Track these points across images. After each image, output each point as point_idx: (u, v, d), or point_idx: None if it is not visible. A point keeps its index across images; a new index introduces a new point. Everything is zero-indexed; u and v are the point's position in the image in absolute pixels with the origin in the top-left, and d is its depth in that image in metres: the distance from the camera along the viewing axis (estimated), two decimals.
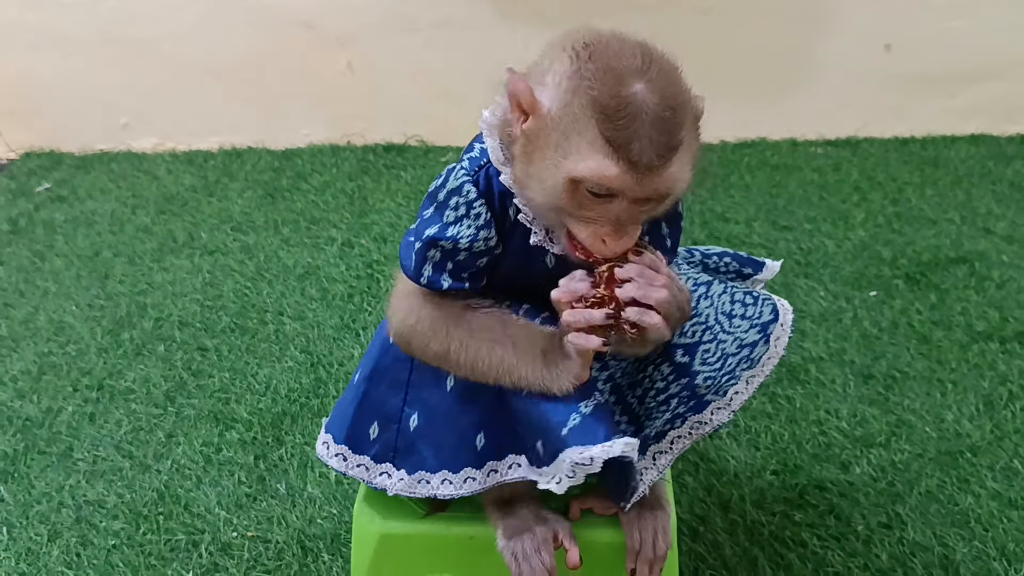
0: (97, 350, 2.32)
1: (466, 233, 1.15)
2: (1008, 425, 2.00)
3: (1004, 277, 2.55)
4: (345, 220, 2.93)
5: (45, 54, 3.35)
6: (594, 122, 1.03)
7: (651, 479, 1.24)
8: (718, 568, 1.66)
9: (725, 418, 1.24)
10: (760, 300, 1.32)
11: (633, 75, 1.03)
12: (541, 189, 1.09)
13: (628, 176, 1.03)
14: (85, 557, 1.72)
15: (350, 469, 1.30)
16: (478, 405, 1.21)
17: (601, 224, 1.09)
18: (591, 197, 1.06)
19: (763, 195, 3.04)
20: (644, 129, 1.02)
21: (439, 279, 1.17)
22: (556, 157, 1.06)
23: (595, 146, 1.03)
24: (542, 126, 1.06)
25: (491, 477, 1.20)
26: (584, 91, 1.03)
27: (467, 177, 1.15)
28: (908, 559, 1.68)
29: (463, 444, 1.21)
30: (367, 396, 1.31)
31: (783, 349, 1.27)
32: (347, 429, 1.31)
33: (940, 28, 3.31)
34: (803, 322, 2.37)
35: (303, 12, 3.30)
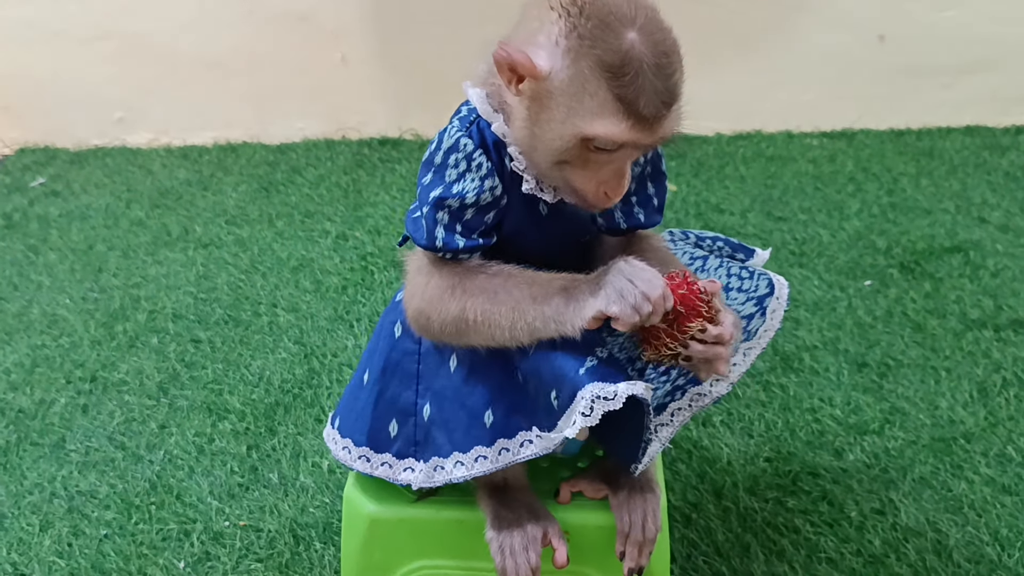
0: (90, 342, 2.32)
1: (471, 187, 1.15)
2: (1002, 412, 2.00)
3: (999, 266, 2.54)
4: (339, 213, 2.93)
5: (39, 50, 3.34)
6: (604, 82, 1.04)
7: (655, 451, 1.23)
8: (711, 554, 1.66)
9: (724, 390, 1.25)
10: (756, 275, 1.33)
11: (625, 24, 1.04)
12: (548, 147, 1.11)
13: (638, 130, 1.06)
14: (77, 547, 1.72)
15: (375, 469, 1.27)
16: (484, 383, 1.20)
17: (603, 176, 1.12)
18: (597, 152, 1.09)
19: (758, 186, 3.04)
20: (648, 82, 1.04)
21: (453, 239, 1.16)
22: (568, 118, 1.07)
23: (607, 106, 1.05)
24: (547, 89, 1.07)
25: (503, 456, 1.18)
26: (587, 51, 1.04)
27: (461, 132, 1.17)
28: (901, 544, 1.68)
29: (473, 422, 1.19)
30: (382, 395, 1.29)
31: (779, 322, 1.29)
32: (368, 430, 1.29)
33: (934, 19, 3.30)
34: (797, 311, 2.36)
35: (298, 6, 3.29)
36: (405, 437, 1.25)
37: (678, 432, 1.86)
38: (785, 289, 1.33)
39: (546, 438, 1.14)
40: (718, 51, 3.32)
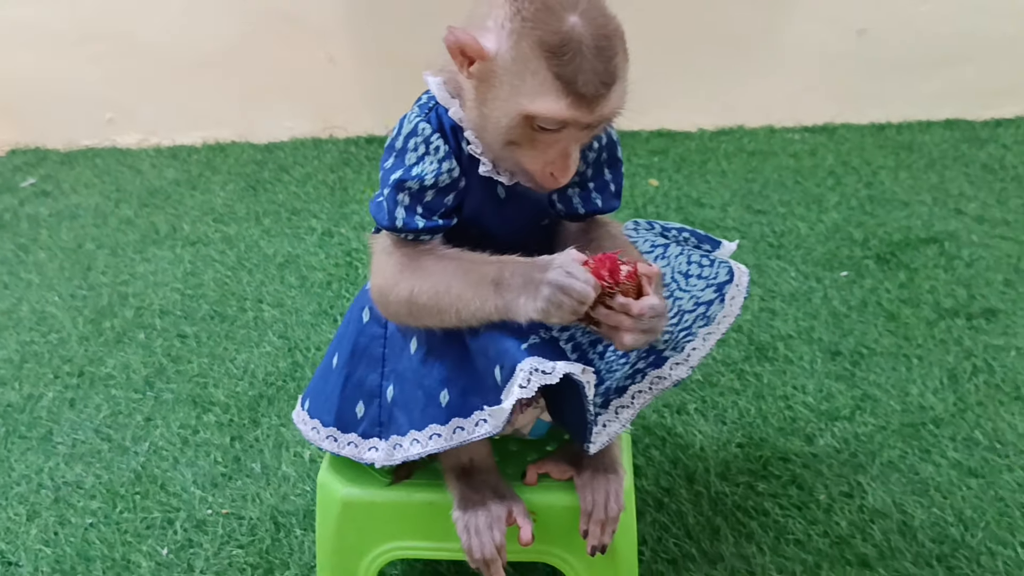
0: (78, 338, 2.35)
1: (430, 169, 1.20)
2: (971, 398, 2.04)
3: (973, 256, 2.58)
4: (325, 210, 2.97)
5: (30, 51, 3.38)
6: (543, 61, 1.09)
7: (614, 432, 1.27)
8: (681, 537, 1.70)
9: (684, 373, 1.29)
10: (716, 262, 1.37)
11: (567, 8, 1.10)
12: (496, 127, 1.16)
13: (577, 108, 1.10)
14: (63, 535, 1.76)
15: (342, 449, 1.32)
16: (441, 362, 1.24)
17: (550, 156, 1.16)
18: (542, 131, 1.14)
19: (739, 180, 3.08)
20: (587, 62, 1.09)
21: (413, 220, 1.21)
22: (511, 96, 1.12)
23: (547, 85, 1.10)
24: (492, 68, 1.13)
25: (457, 434, 1.21)
26: (529, 32, 1.10)
27: (420, 117, 1.22)
28: (867, 526, 1.72)
29: (429, 402, 1.23)
30: (349, 378, 1.34)
31: (738, 308, 1.32)
32: (335, 412, 1.34)
33: (913, 13, 3.35)
34: (773, 302, 2.40)
35: (285, 7, 3.34)
36: (371, 418, 1.30)
37: (652, 419, 1.92)
38: (745, 277, 1.37)
39: (494, 413, 1.17)
40: (700, 48, 3.36)
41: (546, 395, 1.32)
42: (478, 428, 1.21)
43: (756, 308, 2.38)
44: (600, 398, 1.30)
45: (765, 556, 1.66)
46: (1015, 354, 2.17)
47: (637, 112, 3.57)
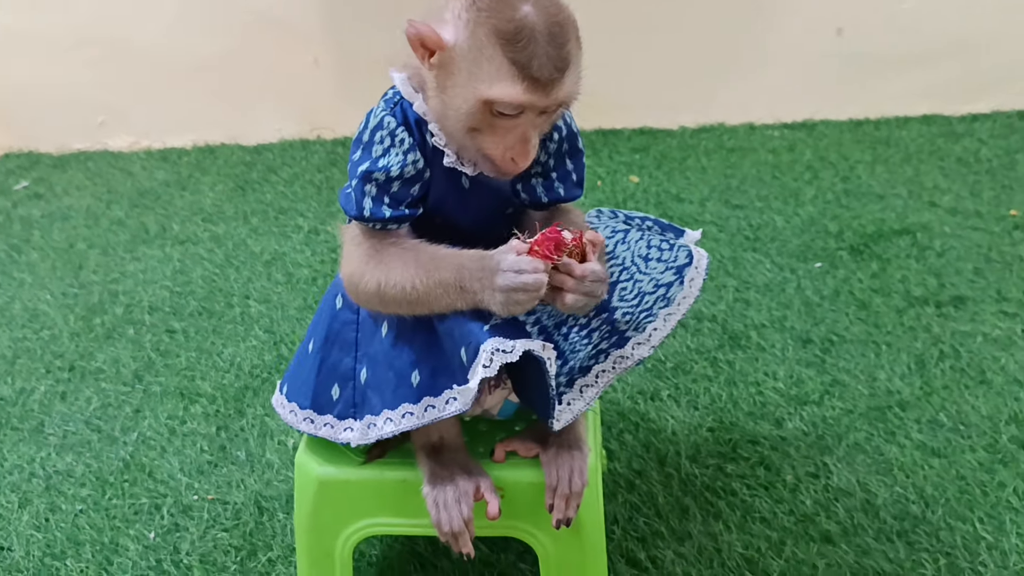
0: (70, 334, 2.41)
1: (395, 161, 1.26)
2: (937, 382, 2.10)
3: (945, 246, 2.64)
4: (312, 209, 3.02)
5: (22, 56, 3.44)
6: (499, 48, 1.15)
7: (578, 409, 1.33)
8: (651, 516, 1.76)
9: (645, 353, 1.34)
10: (676, 246, 1.42)
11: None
12: (456, 114, 1.21)
13: (533, 92, 1.16)
14: (53, 521, 1.81)
15: (319, 430, 1.38)
16: (411, 345, 1.30)
17: (509, 141, 1.22)
18: (500, 116, 1.19)
19: (718, 176, 3.14)
20: (541, 48, 1.14)
21: (380, 209, 1.27)
22: (469, 83, 1.18)
23: (502, 70, 1.15)
24: (451, 57, 1.18)
25: (429, 412, 1.27)
26: (484, 21, 1.15)
27: (385, 112, 1.27)
28: (832, 504, 1.78)
29: (401, 383, 1.29)
30: (324, 362, 1.39)
31: (698, 290, 1.38)
32: (311, 395, 1.39)
33: (890, 11, 3.41)
34: (748, 292, 2.46)
35: (272, 11, 3.40)
36: (345, 400, 1.35)
37: (626, 406, 1.98)
38: (704, 260, 1.42)
39: (462, 392, 1.23)
40: (680, 47, 3.43)
41: (513, 376, 1.38)
42: (448, 406, 1.27)
43: (731, 298, 2.44)
44: (565, 377, 1.36)
45: (732, 533, 1.71)
46: (981, 340, 2.23)
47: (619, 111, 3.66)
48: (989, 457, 1.88)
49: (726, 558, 1.66)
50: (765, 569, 1.64)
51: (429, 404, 1.27)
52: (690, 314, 2.34)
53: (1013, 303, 2.37)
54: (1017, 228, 2.73)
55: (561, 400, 1.34)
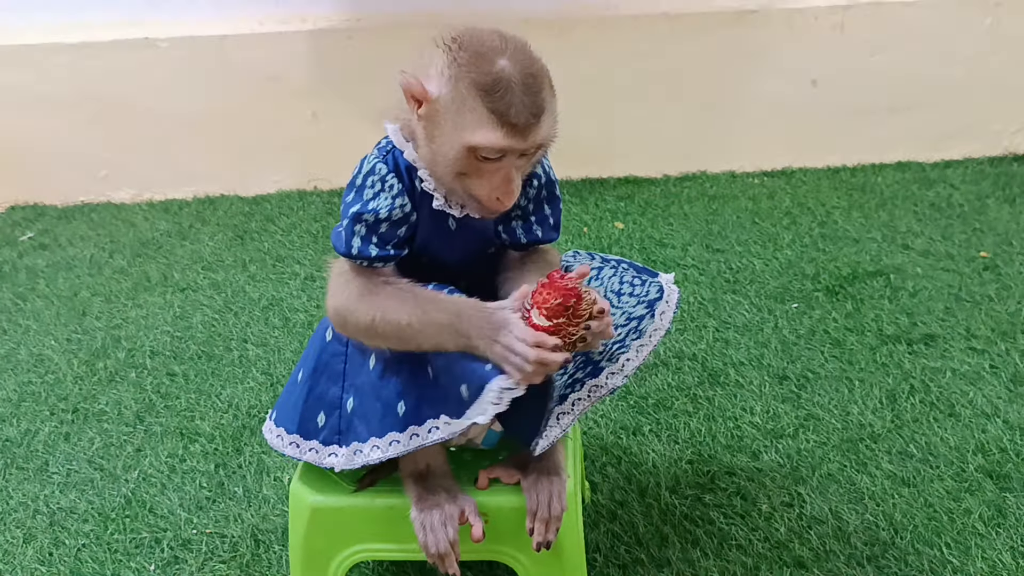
0: (73, 378, 2.50)
1: (384, 204, 1.37)
2: (907, 415, 2.19)
3: (917, 287, 2.75)
4: (309, 257, 3.13)
5: (28, 113, 3.57)
6: (479, 99, 1.27)
7: (555, 436, 1.42)
8: (632, 544, 1.83)
9: (619, 382, 1.44)
10: (647, 282, 1.52)
11: (496, 54, 1.28)
12: (445, 160, 1.33)
13: (512, 137, 1.28)
14: (57, 556, 1.88)
15: (304, 454, 1.47)
16: (397, 377, 1.39)
17: (495, 183, 1.33)
18: (485, 161, 1.31)
19: (700, 222, 3.25)
20: (517, 97, 1.27)
21: (367, 248, 1.37)
22: (453, 132, 1.30)
23: (483, 119, 1.27)
24: (436, 109, 1.30)
25: (413, 440, 1.36)
26: (464, 75, 1.28)
27: (377, 159, 1.39)
28: (805, 531, 1.85)
29: (387, 412, 1.38)
30: (312, 391, 1.49)
31: (668, 322, 1.48)
32: (298, 421, 1.49)
33: (862, 64, 3.56)
34: (727, 332, 2.56)
35: (270, 67, 3.54)
36: (331, 427, 1.44)
37: (609, 440, 2.07)
38: (675, 294, 1.52)
39: (454, 424, 1.32)
40: (664, 100, 3.57)
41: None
42: (431, 434, 1.37)
43: (711, 338, 2.53)
44: None
45: (709, 560, 1.79)
46: (951, 375, 2.32)
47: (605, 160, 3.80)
48: (956, 486, 1.96)
49: None
50: None
51: (414, 432, 1.37)
52: (671, 353, 2.44)
53: (982, 340, 2.47)
54: (987, 269, 2.84)
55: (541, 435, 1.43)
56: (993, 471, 1.99)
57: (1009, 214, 3.21)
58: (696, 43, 3.52)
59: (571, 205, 3.40)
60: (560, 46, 3.31)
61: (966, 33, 3.56)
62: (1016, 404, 2.20)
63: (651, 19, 3.50)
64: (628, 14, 3.50)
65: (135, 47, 3.52)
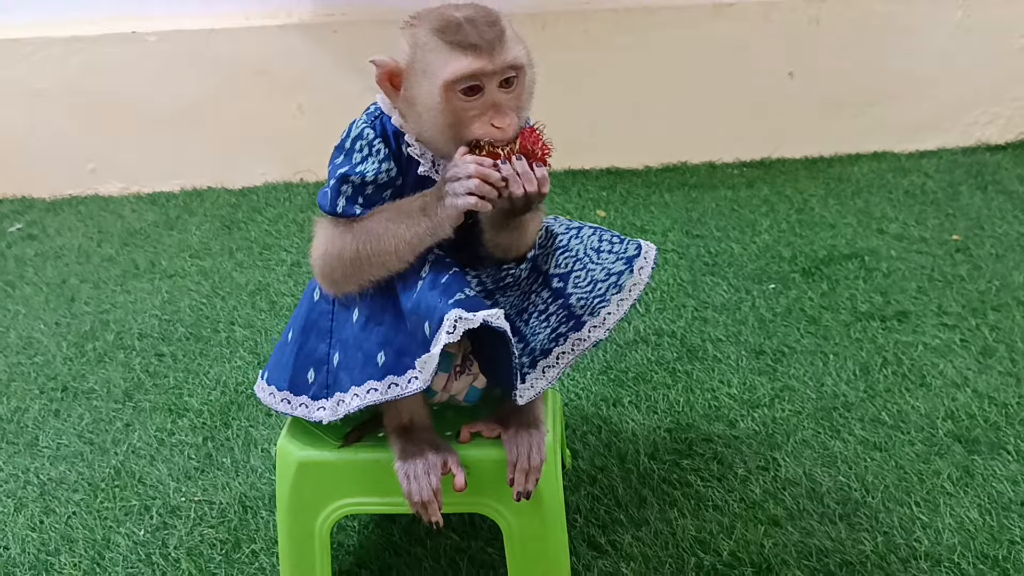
0: (63, 359, 2.53)
1: (371, 168, 1.42)
2: (880, 386, 2.25)
3: (891, 268, 2.82)
4: (295, 245, 3.17)
5: (16, 106, 3.61)
6: (438, 39, 1.34)
7: (541, 387, 1.49)
8: (612, 506, 1.88)
9: (601, 335, 1.50)
10: (626, 240, 1.59)
11: (451, 9, 1.37)
12: (431, 115, 1.37)
13: (479, 59, 1.33)
14: (48, 523, 1.92)
15: (295, 409, 1.52)
16: (380, 327, 1.44)
17: (485, 117, 1.37)
18: (465, 97, 1.35)
19: (680, 210, 3.32)
20: (471, 26, 1.34)
21: (352, 208, 1.43)
22: (427, 79, 1.35)
23: (446, 53, 1.34)
24: (408, 74, 1.37)
25: (392, 389, 1.40)
26: (421, 27, 1.36)
27: (365, 124, 1.44)
28: (779, 492, 1.91)
29: (368, 362, 1.43)
30: (302, 348, 1.54)
31: (647, 277, 1.54)
32: (289, 378, 1.54)
33: (837, 56, 3.64)
34: (706, 311, 2.62)
35: (256, 61, 3.59)
36: (319, 383, 1.49)
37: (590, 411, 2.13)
38: (652, 251, 1.58)
39: (426, 361, 1.36)
40: (644, 92, 3.63)
41: (480, 356, 1.52)
42: (410, 384, 1.41)
43: (690, 316, 2.59)
44: (528, 358, 1.51)
45: (686, 519, 1.84)
46: (922, 348, 2.39)
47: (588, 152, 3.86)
48: (926, 449, 2.02)
49: (680, 540, 1.78)
50: (716, 549, 1.76)
51: (392, 382, 1.41)
52: (650, 330, 2.50)
53: (953, 316, 2.53)
54: (959, 251, 2.91)
55: (525, 379, 1.49)
56: (962, 435, 2.05)
57: (981, 200, 3.29)
58: (675, 36, 3.59)
59: (554, 195, 3.45)
60: (542, 40, 3.37)
61: (938, 27, 3.64)
62: (985, 375, 2.27)
63: (631, 12, 3.56)
64: (608, 7, 3.56)
65: (123, 41, 3.56)
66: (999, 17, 3.64)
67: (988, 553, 1.73)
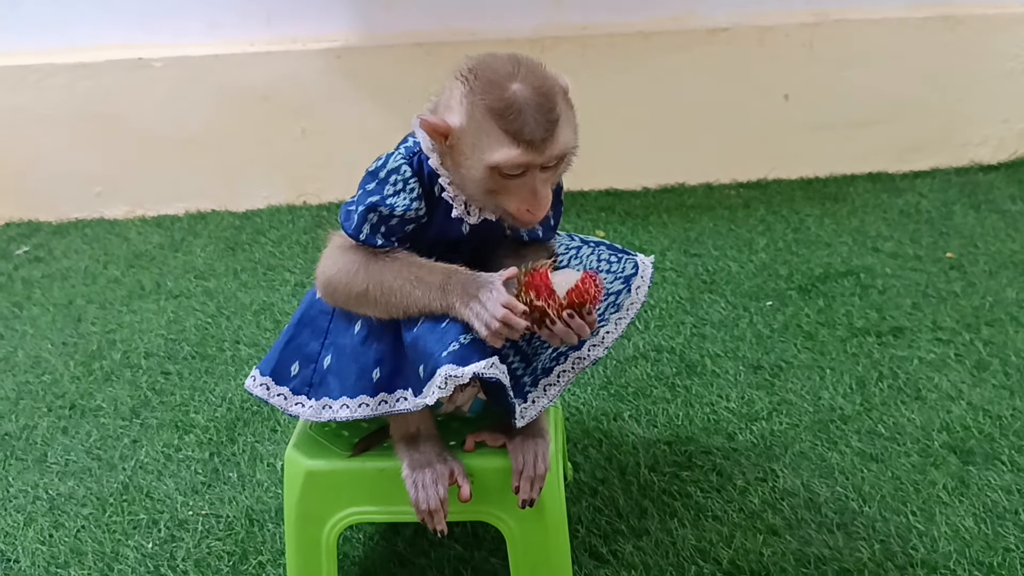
0: (70, 378, 2.56)
1: (402, 203, 1.46)
2: (876, 399, 2.28)
3: (886, 285, 2.86)
4: (299, 265, 3.22)
5: (23, 132, 3.66)
6: (494, 123, 1.37)
7: (542, 406, 1.53)
8: (613, 517, 1.91)
9: (600, 353, 1.56)
10: (622, 259, 1.63)
11: (508, 79, 1.38)
12: (473, 182, 1.43)
13: (529, 153, 1.38)
14: (57, 537, 1.94)
15: (271, 397, 1.57)
16: (377, 346, 1.48)
17: (523, 197, 1.42)
18: (508, 177, 1.40)
19: (678, 230, 3.37)
20: (529, 115, 1.37)
21: (374, 238, 1.46)
22: (475, 154, 1.40)
23: (499, 139, 1.37)
24: (459, 137, 1.41)
25: (382, 406, 1.47)
26: (479, 103, 1.38)
27: (403, 160, 1.47)
28: (778, 502, 1.94)
29: (362, 376, 1.48)
30: (292, 339, 1.59)
31: (644, 296, 1.59)
32: (273, 365, 1.59)
33: (832, 79, 3.70)
34: (704, 328, 2.66)
35: (260, 86, 3.65)
36: (302, 378, 1.55)
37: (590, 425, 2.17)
38: (648, 268, 1.63)
39: (413, 401, 1.45)
40: (642, 115, 3.70)
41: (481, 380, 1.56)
42: (399, 404, 1.48)
43: (688, 333, 2.63)
44: (530, 377, 1.55)
45: (686, 529, 1.87)
46: (918, 362, 2.43)
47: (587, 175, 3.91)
48: (922, 461, 2.05)
49: (680, 549, 1.82)
50: (716, 557, 1.79)
51: (383, 400, 1.48)
52: (650, 346, 2.54)
53: (947, 331, 2.57)
54: (953, 268, 2.96)
55: (527, 398, 1.54)
56: (957, 447, 2.09)
57: (974, 219, 3.34)
58: (672, 60, 3.66)
59: None
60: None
61: (929, 50, 3.71)
62: (980, 388, 2.31)
63: (627, 38, 3.63)
64: (605, 33, 3.63)
65: (129, 67, 3.62)
66: (989, 40, 3.71)
67: (983, 560, 1.76)
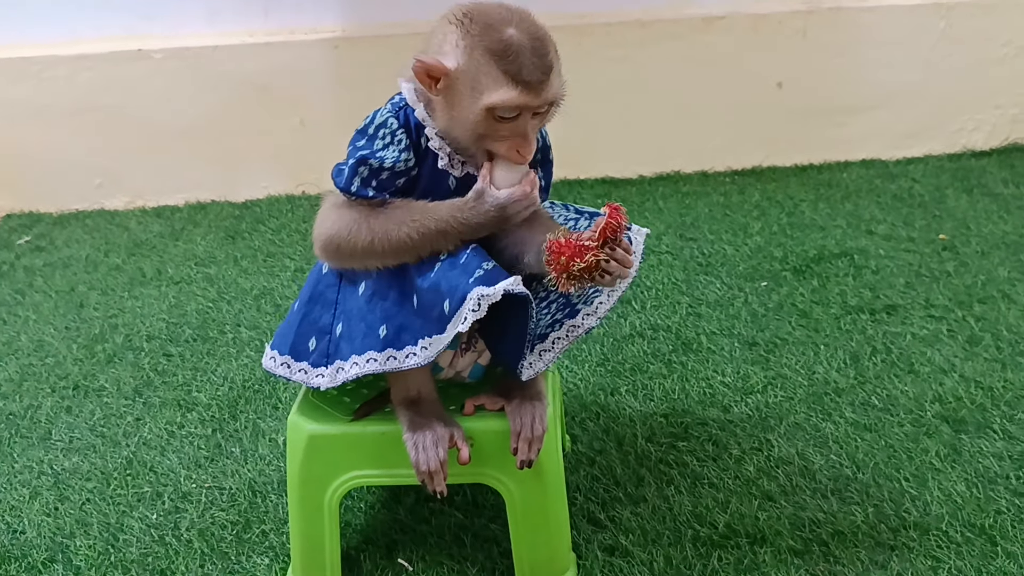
0: (73, 360, 2.59)
1: (391, 155, 1.49)
2: (869, 373, 2.32)
3: (879, 266, 2.89)
4: (299, 252, 3.25)
5: (24, 123, 3.69)
6: (493, 63, 1.41)
7: (538, 369, 1.56)
8: (610, 485, 1.94)
9: (593, 323, 1.59)
10: None
11: (504, 23, 1.43)
12: (465, 124, 1.46)
13: (526, 94, 1.41)
14: (63, 509, 1.97)
15: (294, 374, 1.60)
16: (384, 302, 1.51)
17: (512, 139, 1.46)
18: (501, 120, 1.44)
19: (673, 216, 3.40)
20: (527, 59, 1.41)
21: (365, 190, 1.49)
22: (472, 96, 1.43)
23: (498, 80, 1.41)
24: (454, 79, 1.43)
25: (390, 362, 1.48)
26: (477, 44, 1.42)
27: (390, 114, 1.52)
28: (773, 470, 1.97)
29: (370, 333, 1.50)
30: (306, 317, 1.62)
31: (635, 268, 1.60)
32: (291, 344, 1.61)
33: (824, 66, 3.74)
34: (700, 308, 2.69)
35: (259, 77, 3.68)
36: (320, 351, 1.57)
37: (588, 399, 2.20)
38: (641, 237, 1.66)
39: (435, 341, 1.45)
40: (637, 104, 3.73)
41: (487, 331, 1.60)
42: (408, 359, 1.49)
43: (684, 312, 2.66)
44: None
45: (682, 496, 1.90)
46: (911, 338, 2.46)
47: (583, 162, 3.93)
48: (915, 430, 2.08)
49: (677, 514, 1.85)
50: (712, 522, 1.82)
51: (391, 355, 1.49)
52: (646, 325, 2.57)
53: (940, 308, 2.61)
54: (946, 249, 2.99)
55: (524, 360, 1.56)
56: (949, 416, 2.12)
57: (967, 203, 3.37)
58: (667, 49, 3.69)
59: None
60: None
61: (922, 37, 3.74)
62: (972, 361, 2.34)
63: (623, 26, 3.66)
64: (602, 22, 3.67)
65: (129, 59, 3.65)
66: (981, 27, 3.75)
67: (975, 522, 1.79)
